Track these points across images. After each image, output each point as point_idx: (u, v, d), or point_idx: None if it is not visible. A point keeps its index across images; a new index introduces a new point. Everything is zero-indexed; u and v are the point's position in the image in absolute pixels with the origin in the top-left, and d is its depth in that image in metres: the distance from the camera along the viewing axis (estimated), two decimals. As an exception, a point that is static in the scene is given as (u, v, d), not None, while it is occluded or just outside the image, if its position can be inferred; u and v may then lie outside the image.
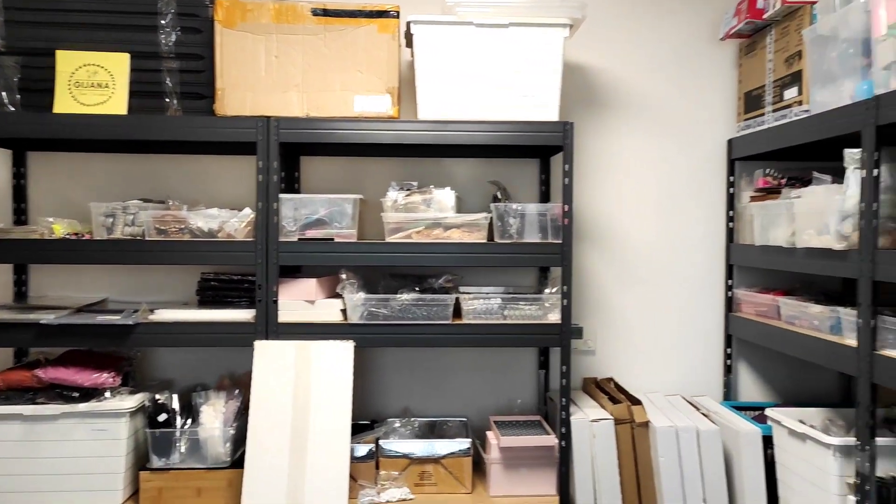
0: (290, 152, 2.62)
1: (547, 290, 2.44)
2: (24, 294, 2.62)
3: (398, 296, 2.35)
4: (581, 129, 2.79)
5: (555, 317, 2.39)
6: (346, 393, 2.27)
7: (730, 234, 2.79)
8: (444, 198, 2.41)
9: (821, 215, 2.02)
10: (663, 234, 2.83)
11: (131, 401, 2.30)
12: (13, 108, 2.25)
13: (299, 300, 2.35)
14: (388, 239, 2.37)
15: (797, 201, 2.15)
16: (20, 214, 2.60)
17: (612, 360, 2.84)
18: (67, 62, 2.25)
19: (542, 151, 2.67)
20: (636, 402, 2.41)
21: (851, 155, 1.93)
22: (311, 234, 2.34)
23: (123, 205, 2.32)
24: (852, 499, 1.94)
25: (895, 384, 1.79)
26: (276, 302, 2.30)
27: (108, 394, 2.29)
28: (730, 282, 2.80)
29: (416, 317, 2.35)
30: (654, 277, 2.83)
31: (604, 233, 2.83)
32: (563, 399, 2.35)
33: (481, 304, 2.39)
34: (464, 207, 2.52)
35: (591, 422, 2.35)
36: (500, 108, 2.36)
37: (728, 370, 2.81)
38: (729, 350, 2.80)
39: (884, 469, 1.93)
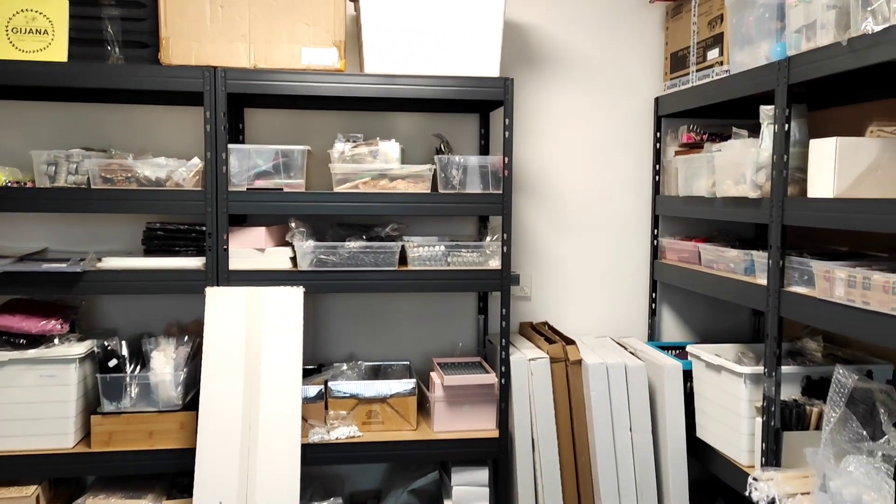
0: (234, 104, 2.63)
1: (488, 238, 2.56)
2: (-40, 244, 2.57)
3: (346, 243, 2.43)
4: (519, 84, 2.90)
5: (495, 263, 2.52)
6: (296, 337, 2.35)
7: (656, 186, 2.98)
8: (390, 149, 2.49)
9: (738, 167, 2.20)
10: (594, 187, 2.99)
11: (80, 347, 2.32)
12: (-53, 53, 2.18)
13: (249, 248, 2.40)
14: (336, 189, 2.43)
15: (717, 154, 2.32)
16: (-46, 163, 2.53)
17: (546, 305, 3.00)
18: (4, 7, 2.19)
19: (482, 107, 2.77)
20: (570, 342, 2.58)
21: (766, 111, 2.11)
22: (260, 184, 2.38)
23: (66, 153, 2.30)
24: (759, 420, 2.16)
25: (799, 317, 2.00)
26: (226, 250, 2.35)
27: (56, 341, 2.30)
28: (655, 231, 2.99)
29: (364, 263, 2.43)
30: (586, 227, 3.00)
31: (539, 185, 2.96)
32: (503, 340, 2.50)
33: (426, 251, 2.50)
34: (407, 160, 2.60)
35: (528, 360, 2.51)
36: (443, 64, 2.44)
37: (653, 313, 3.02)
38: (654, 294, 3.01)
39: (786, 393, 2.16)
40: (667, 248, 2.92)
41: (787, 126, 2.03)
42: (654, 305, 3.02)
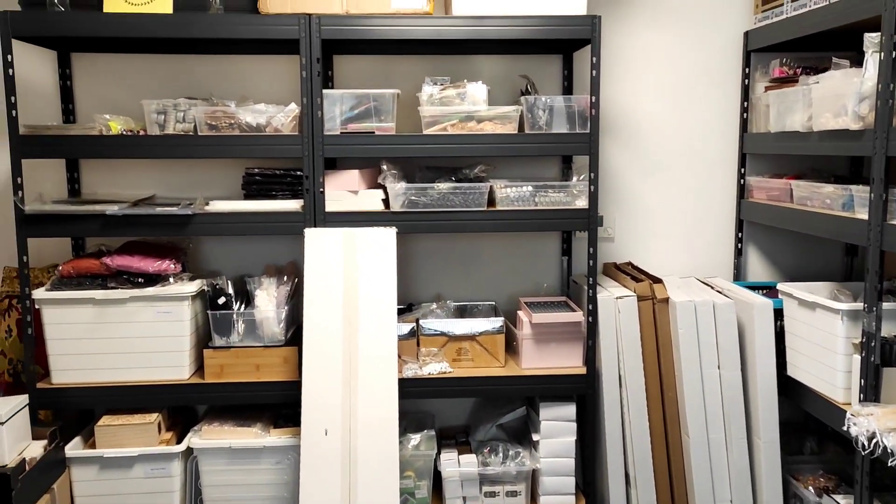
0: (324, 50, 2.67)
1: (574, 178, 2.56)
2: (77, 191, 2.73)
3: (436, 184, 2.47)
4: (603, 23, 2.83)
5: (582, 203, 2.52)
6: (390, 276, 2.42)
7: (743, 124, 2.89)
8: (477, 92, 2.50)
9: (838, 98, 2.12)
10: (679, 126, 2.93)
11: (192, 286, 2.45)
12: (62, 9, 2.29)
13: (343, 191, 2.47)
14: (426, 131, 2.46)
15: (815, 86, 2.24)
16: (68, 115, 2.68)
17: (630, 246, 2.99)
18: (113, -39, 2.28)
19: (565, 47, 2.73)
20: (657, 280, 2.57)
21: (871, 39, 2.01)
22: (352, 127, 2.44)
23: (174, 102, 2.40)
24: (857, 357, 2.13)
25: (901, 251, 1.94)
26: (322, 192, 2.42)
27: (170, 279, 2.44)
28: (742, 170, 2.92)
29: (454, 204, 2.47)
30: (670, 167, 2.95)
31: (622, 125, 2.92)
32: (590, 278, 2.51)
33: (514, 191, 2.52)
34: (493, 102, 2.60)
35: (615, 299, 2.52)
36: (529, 3, 2.41)
37: (738, 253, 2.97)
38: (740, 234, 2.96)
39: (887, 330, 2.11)
40: (754, 187, 2.85)
41: (893, 53, 1.94)
42: (739, 245, 2.97)
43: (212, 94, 2.59)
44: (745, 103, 2.88)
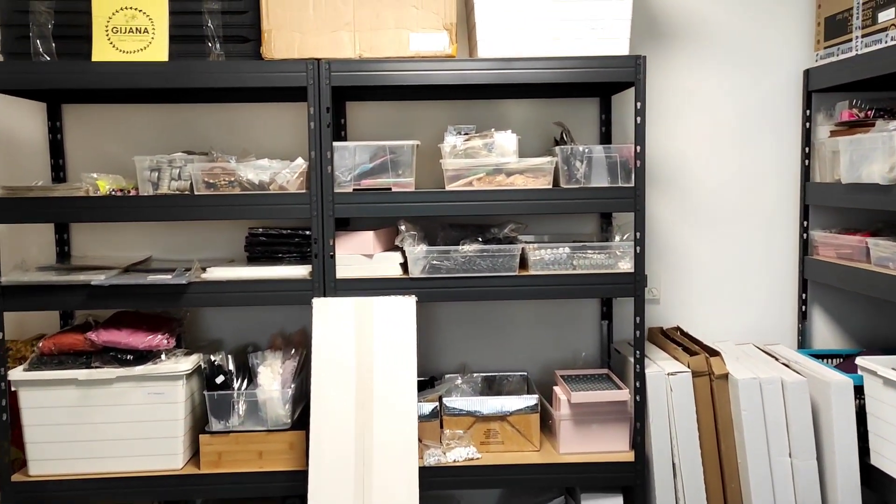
0: (336, 97, 2.48)
1: (617, 238, 2.31)
2: (66, 254, 2.53)
3: (461, 247, 2.23)
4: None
5: (626, 265, 2.27)
6: (410, 351, 2.17)
7: (805, 172, 2.63)
8: (506, 142, 2.27)
9: (929, 148, 1.86)
10: (730, 174, 2.68)
11: (187, 363, 2.22)
12: (48, 58, 2.12)
13: (356, 254, 2.25)
14: (448, 187, 2.24)
15: (898, 134, 1.98)
16: (58, 171, 2.50)
17: (677, 308, 2.72)
18: (103, 6, 2.11)
19: (602, 90, 2.51)
20: (713, 352, 2.30)
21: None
22: (367, 183, 2.22)
23: (169, 158, 2.21)
24: (962, 452, 1.83)
25: None
26: (332, 256, 2.19)
27: (163, 356, 2.21)
28: (805, 223, 2.65)
29: (481, 269, 2.23)
30: (721, 220, 2.69)
31: (667, 174, 2.68)
32: (637, 351, 2.25)
33: (549, 253, 2.27)
34: (522, 152, 2.37)
35: (667, 375, 2.24)
36: (565, 43, 2.20)
37: (803, 316, 2.68)
38: (804, 295, 2.67)
39: None
40: (820, 243, 2.58)
41: None
42: (804, 308, 2.68)
43: (212, 147, 2.39)
44: (807, 149, 2.62)
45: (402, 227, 2.26)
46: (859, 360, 2.19)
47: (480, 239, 2.30)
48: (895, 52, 2.06)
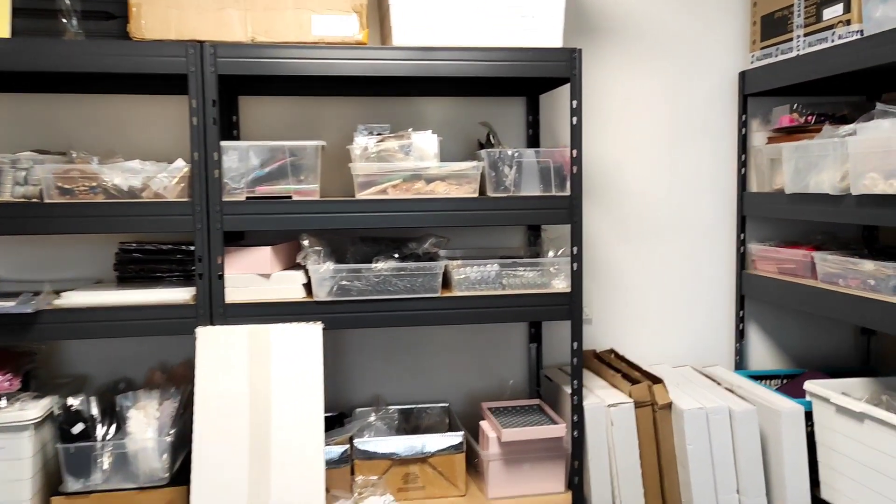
0: (226, 90, 2.16)
1: (550, 253, 2.09)
2: None
3: (375, 265, 1.96)
4: (576, 61, 2.43)
5: (561, 284, 2.06)
6: (315, 388, 1.87)
7: (742, 181, 2.51)
8: (426, 144, 2.02)
9: (888, 155, 1.73)
10: (666, 182, 2.53)
11: (36, 409, 1.84)
12: None
13: (250, 274, 1.93)
14: (360, 195, 1.96)
15: (852, 139, 1.85)
16: None
17: (611, 329, 2.54)
18: (-78, -35, 1.71)
19: (530, 88, 2.30)
20: (655, 379, 2.11)
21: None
22: (262, 190, 1.91)
23: (12, 157, 1.82)
24: (928, 487, 1.70)
25: None
26: (221, 277, 1.87)
27: (3, 402, 1.82)
28: (742, 235, 2.52)
29: (398, 290, 1.96)
30: (656, 232, 2.53)
31: (598, 182, 2.49)
32: (575, 381, 2.03)
33: (475, 271, 2.03)
34: (443, 157, 2.12)
35: (607, 407, 2.04)
36: (492, 33, 1.97)
37: (741, 335, 2.55)
38: (741, 312, 2.54)
39: (963, 451, 1.70)
40: (758, 257, 2.45)
41: (966, 100, 1.57)
42: (741, 326, 2.55)
43: (71, 146, 2.01)
44: (743, 156, 2.50)
45: (306, 242, 1.96)
46: (808, 386, 2.06)
47: (397, 255, 2.03)
48: (845, 52, 1.94)
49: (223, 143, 1.87)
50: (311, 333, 1.89)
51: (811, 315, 2.52)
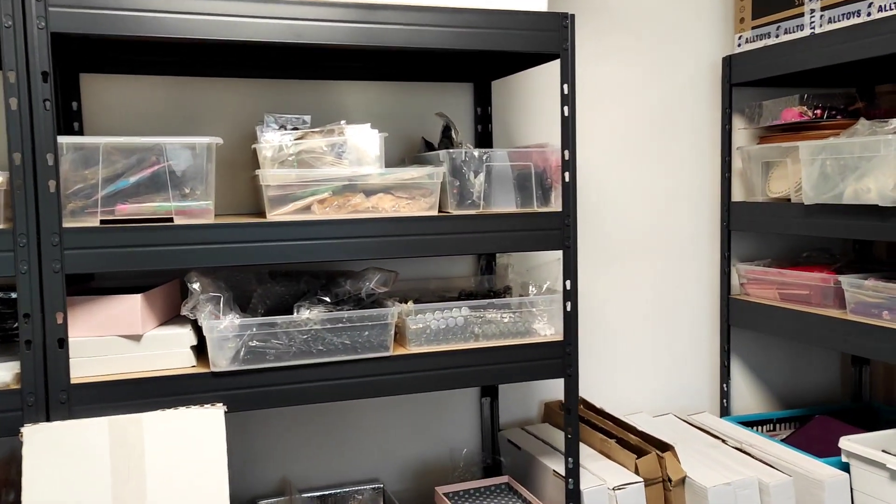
0: (63, 62, 1.54)
1: (532, 291, 1.62)
2: None
3: (300, 314, 1.40)
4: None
5: (547, 330, 1.59)
6: (216, 499, 1.30)
7: (727, 188, 2.15)
8: (365, 142, 1.49)
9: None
10: (642, 190, 2.14)
11: None
12: None
13: (111, 336, 1.32)
14: (272, 215, 1.40)
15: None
16: None
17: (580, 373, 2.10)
18: None
19: (479, 71, 1.83)
20: (664, 446, 1.69)
21: None
22: (126, 210, 1.31)
23: None
24: None
25: None
26: (63, 344, 1.25)
27: None
28: (727, 254, 2.17)
29: (335, 349, 1.42)
30: (630, 252, 2.13)
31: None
32: (570, 459, 1.57)
33: (438, 319, 1.52)
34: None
35: (611, 490, 1.59)
36: (453, -11, 1.48)
37: (727, 373, 2.20)
38: (727, 346, 2.19)
39: None
40: (750, 280, 2.11)
41: None
42: (727, 363, 2.20)
43: None
44: (728, 158, 2.15)
45: (196, 285, 1.38)
46: (844, 444, 1.71)
47: (328, 298, 1.48)
48: (874, 31, 1.60)
49: (63, 140, 1.26)
50: (207, 422, 1.31)
51: (794, 348, 2.25)
